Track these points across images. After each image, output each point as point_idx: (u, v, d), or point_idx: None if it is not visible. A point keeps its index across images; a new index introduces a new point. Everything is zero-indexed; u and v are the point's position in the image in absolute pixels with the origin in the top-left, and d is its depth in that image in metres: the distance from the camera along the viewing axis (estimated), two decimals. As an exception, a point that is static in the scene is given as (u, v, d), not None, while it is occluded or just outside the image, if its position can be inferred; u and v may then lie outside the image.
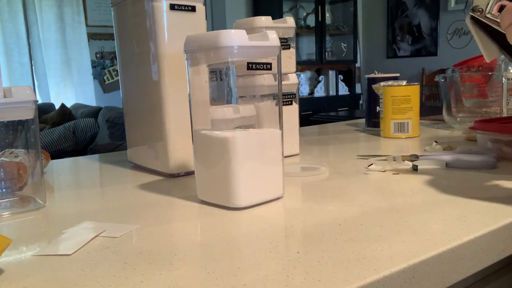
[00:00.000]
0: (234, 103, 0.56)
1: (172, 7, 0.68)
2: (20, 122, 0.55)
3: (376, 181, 0.63)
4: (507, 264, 0.51)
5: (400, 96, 0.98)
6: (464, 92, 0.98)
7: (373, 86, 1.06)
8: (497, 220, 0.45)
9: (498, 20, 0.52)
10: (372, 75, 1.11)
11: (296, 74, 0.84)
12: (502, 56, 0.79)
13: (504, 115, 0.92)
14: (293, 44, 0.83)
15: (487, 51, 0.57)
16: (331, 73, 4.52)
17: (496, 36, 0.54)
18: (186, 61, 0.56)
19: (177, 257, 0.40)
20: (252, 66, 0.54)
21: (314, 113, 3.40)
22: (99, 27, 4.12)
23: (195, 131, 0.56)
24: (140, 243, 0.44)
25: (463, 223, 0.45)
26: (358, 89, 4.76)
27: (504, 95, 0.92)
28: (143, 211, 0.55)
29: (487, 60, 0.58)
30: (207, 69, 0.55)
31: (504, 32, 0.50)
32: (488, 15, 0.53)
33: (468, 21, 0.56)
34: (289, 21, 0.82)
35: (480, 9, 0.53)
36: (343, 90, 4.62)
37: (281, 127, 0.56)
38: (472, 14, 0.54)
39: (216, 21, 4.07)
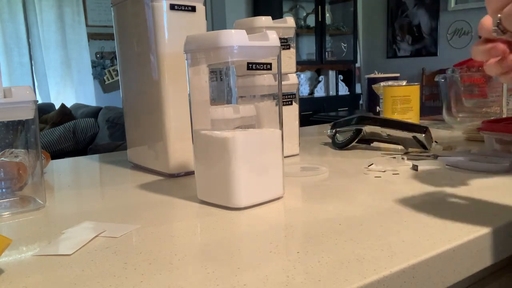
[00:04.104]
0: (234, 103, 0.56)
1: (172, 7, 0.68)
2: (20, 122, 0.55)
3: (376, 181, 0.63)
4: (507, 264, 0.51)
5: (400, 96, 0.98)
6: (464, 92, 0.97)
7: (373, 86, 1.06)
8: (497, 220, 0.45)
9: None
10: (372, 75, 1.11)
11: (296, 74, 0.84)
12: None
13: (504, 115, 0.92)
14: (293, 44, 0.83)
15: None
16: (331, 73, 4.52)
17: None
18: (186, 61, 0.56)
19: (177, 257, 0.40)
20: (252, 66, 0.54)
21: (314, 113, 3.40)
22: (99, 27, 4.11)
23: (195, 131, 0.56)
24: (140, 243, 0.44)
25: (463, 223, 0.45)
26: (358, 89, 4.76)
27: (504, 95, 0.92)
28: (143, 211, 0.55)
29: None
30: (207, 69, 0.55)
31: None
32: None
33: None
34: (289, 21, 0.82)
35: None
36: (343, 90, 4.62)
37: (281, 127, 0.56)
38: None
39: (216, 21, 4.07)
